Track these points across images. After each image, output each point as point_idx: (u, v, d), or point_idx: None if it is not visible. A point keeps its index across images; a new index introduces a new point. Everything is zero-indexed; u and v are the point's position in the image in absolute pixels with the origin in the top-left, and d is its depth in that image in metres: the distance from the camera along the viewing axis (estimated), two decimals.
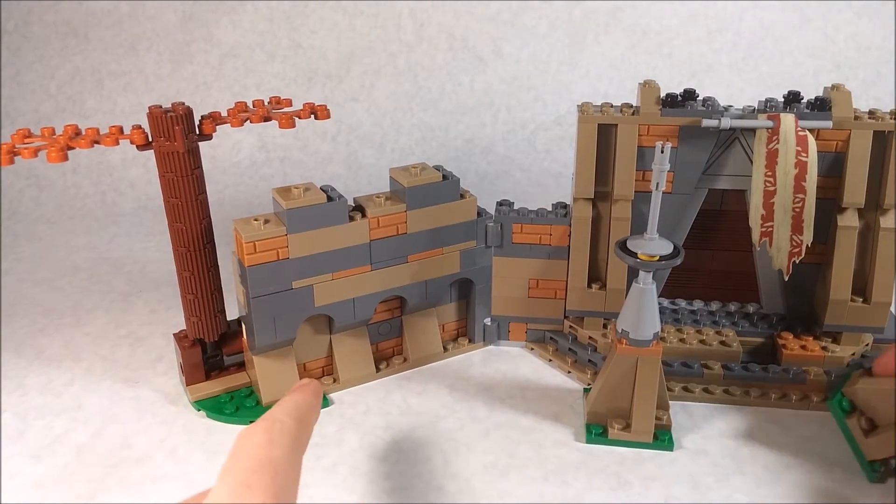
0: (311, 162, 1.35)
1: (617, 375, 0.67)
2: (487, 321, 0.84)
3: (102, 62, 1.37)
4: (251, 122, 0.69)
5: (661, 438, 0.68)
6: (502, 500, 0.63)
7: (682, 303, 0.83)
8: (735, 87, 1.45)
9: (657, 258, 0.62)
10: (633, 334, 0.65)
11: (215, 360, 0.77)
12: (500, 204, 0.81)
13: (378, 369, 0.79)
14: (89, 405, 0.75)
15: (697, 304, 0.82)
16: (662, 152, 0.60)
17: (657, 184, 0.61)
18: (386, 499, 0.63)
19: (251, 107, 0.72)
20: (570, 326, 0.82)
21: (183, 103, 0.66)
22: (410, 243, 0.75)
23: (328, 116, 0.72)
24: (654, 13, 1.47)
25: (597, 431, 0.69)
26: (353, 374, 0.78)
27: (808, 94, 0.72)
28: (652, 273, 0.64)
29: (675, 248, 0.63)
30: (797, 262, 0.71)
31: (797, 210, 0.70)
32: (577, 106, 0.77)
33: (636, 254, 0.63)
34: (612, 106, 0.76)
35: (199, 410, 0.73)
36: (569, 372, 0.79)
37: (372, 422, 0.72)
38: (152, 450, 0.69)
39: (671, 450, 0.68)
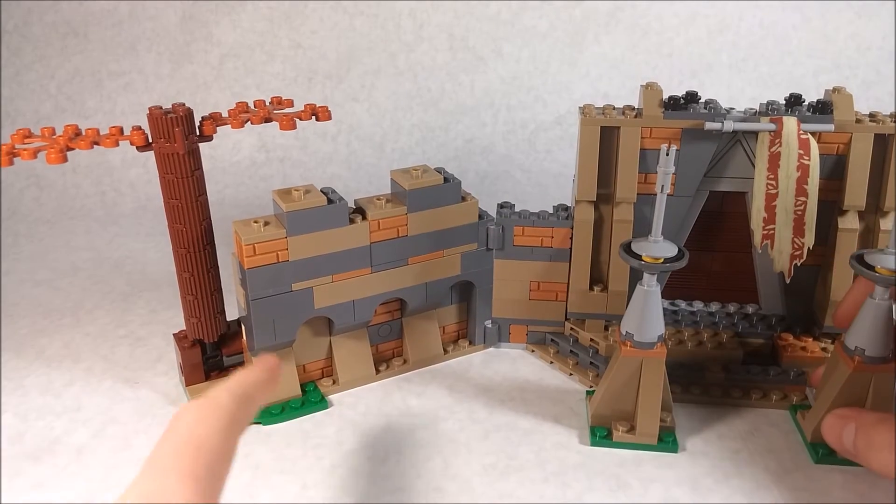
0: (312, 162, 1.35)
1: (621, 378, 0.67)
2: (488, 323, 0.83)
3: (102, 62, 1.37)
4: (252, 123, 0.69)
5: (666, 440, 0.68)
6: (502, 501, 0.63)
7: (682, 304, 0.83)
8: (735, 88, 1.45)
9: (662, 260, 0.62)
10: (638, 336, 0.65)
11: (215, 360, 0.77)
12: (501, 206, 0.80)
13: (378, 371, 0.79)
14: (89, 405, 0.75)
15: (697, 306, 0.82)
16: (668, 154, 0.60)
17: (662, 186, 0.61)
18: (386, 499, 0.63)
19: (252, 107, 0.72)
20: (572, 329, 0.82)
21: (183, 104, 0.66)
22: (411, 246, 0.75)
23: (329, 118, 0.72)
24: (654, 13, 1.47)
25: (601, 434, 0.69)
26: (353, 376, 0.78)
27: (809, 95, 0.72)
28: (656, 275, 0.64)
29: (679, 250, 0.63)
30: (798, 264, 0.71)
31: (799, 213, 0.70)
32: (579, 108, 0.76)
33: (641, 256, 0.63)
34: (614, 108, 0.76)
35: None
36: (570, 374, 0.79)
37: (372, 423, 0.72)
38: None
39: (676, 451, 0.68)
